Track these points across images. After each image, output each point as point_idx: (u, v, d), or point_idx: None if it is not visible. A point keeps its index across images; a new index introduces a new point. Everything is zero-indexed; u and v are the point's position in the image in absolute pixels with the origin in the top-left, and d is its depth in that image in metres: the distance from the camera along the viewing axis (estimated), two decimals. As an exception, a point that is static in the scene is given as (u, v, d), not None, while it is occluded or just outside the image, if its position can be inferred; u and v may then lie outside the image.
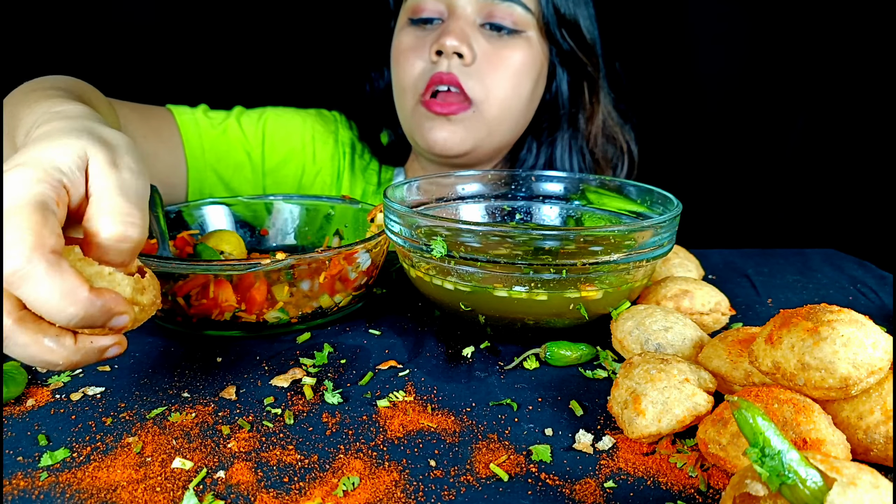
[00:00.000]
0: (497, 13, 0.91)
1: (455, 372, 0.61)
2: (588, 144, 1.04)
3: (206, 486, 0.44)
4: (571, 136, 1.04)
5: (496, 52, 0.92)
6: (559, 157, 1.03)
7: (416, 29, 0.95)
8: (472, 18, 0.92)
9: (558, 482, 0.45)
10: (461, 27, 0.90)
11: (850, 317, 0.46)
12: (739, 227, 1.54)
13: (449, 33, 0.89)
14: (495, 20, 0.92)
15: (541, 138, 1.04)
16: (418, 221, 0.64)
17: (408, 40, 0.95)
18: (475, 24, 0.92)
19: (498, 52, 0.92)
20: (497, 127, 0.95)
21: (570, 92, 1.02)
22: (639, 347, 0.59)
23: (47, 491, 0.44)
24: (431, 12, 0.93)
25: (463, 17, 0.91)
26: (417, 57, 0.93)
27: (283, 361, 0.62)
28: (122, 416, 0.53)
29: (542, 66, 0.97)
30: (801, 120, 1.48)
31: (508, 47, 0.92)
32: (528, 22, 0.93)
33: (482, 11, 0.92)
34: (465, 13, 0.91)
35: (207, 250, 0.73)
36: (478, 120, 0.93)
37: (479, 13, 0.92)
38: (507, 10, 0.91)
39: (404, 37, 0.96)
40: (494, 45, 0.92)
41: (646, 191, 0.76)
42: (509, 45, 0.92)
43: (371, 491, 0.44)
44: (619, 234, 0.61)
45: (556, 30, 0.95)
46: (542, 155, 1.04)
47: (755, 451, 0.35)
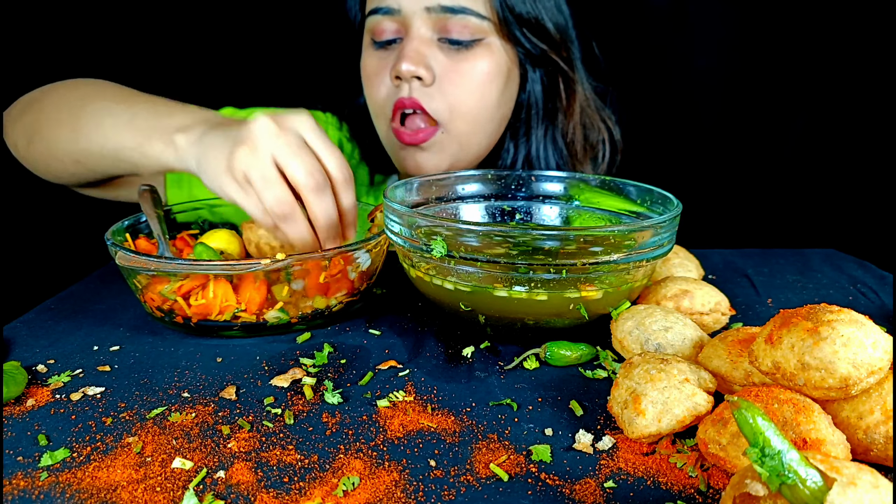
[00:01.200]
0: (451, 27, 0.88)
1: (455, 372, 0.61)
2: (566, 137, 1.02)
3: (206, 486, 0.44)
4: (548, 130, 1.02)
5: (456, 67, 0.89)
6: (536, 153, 1.01)
7: (380, 51, 0.92)
8: (427, 36, 0.89)
9: (558, 482, 0.45)
10: (415, 48, 0.87)
11: (850, 317, 0.46)
12: (739, 227, 1.54)
13: (403, 57, 0.86)
14: (451, 34, 0.88)
15: (518, 137, 1.01)
16: (418, 221, 0.64)
17: (371, 63, 0.93)
18: (432, 41, 0.89)
19: (457, 66, 0.89)
20: (468, 140, 0.93)
21: (543, 90, 0.99)
22: (639, 347, 0.59)
23: (47, 491, 0.44)
24: (390, 33, 0.90)
25: (417, 36, 0.88)
26: (381, 81, 0.92)
27: (283, 361, 0.63)
28: (122, 416, 0.53)
29: (510, 69, 0.94)
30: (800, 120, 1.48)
31: (468, 59, 0.89)
32: (486, 29, 0.89)
33: (436, 27, 0.88)
34: (420, 32, 0.88)
35: (207, 250, 0.73)
36: (448, 140, 0.91)
37: (433, 29, 0.89)
38: (461, 21, 0.88)
39: (368, 59, 0.94)
40: (453, 60, 0.89)
41: (646, 191, 0.76)
42: (469, 57, 0.89)
43: (371, 491, 0.44)
44: (619, 234, 0.61)
45: (517, 32, 0.92)
46: (521, 152, 1.01)
47: (755, 451, 0.35)
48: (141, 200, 0.79)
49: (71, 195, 0.99)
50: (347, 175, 0.68)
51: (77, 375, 0.59)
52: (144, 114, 0.77)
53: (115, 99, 0.82)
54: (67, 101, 0.84)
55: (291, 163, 0.64)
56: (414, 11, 0.88)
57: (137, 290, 0.68)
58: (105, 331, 0.69)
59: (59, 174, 0.88)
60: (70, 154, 0.83)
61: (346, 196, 0.69)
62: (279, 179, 0.64)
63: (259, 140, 0.64)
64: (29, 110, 0.88)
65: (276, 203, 0.64)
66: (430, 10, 0.87)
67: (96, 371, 0.60)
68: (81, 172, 0.86)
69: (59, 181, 0.91)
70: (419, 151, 0.91)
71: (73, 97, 0.84)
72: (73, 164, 0.84)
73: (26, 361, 0.62)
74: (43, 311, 0.74)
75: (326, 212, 0.67)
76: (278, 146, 0.64)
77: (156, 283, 0.65)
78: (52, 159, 0.86)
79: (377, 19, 0.90)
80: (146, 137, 0.74)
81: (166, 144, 0.73)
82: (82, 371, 0.60)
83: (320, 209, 0.66)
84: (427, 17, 0.88)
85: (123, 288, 0.79)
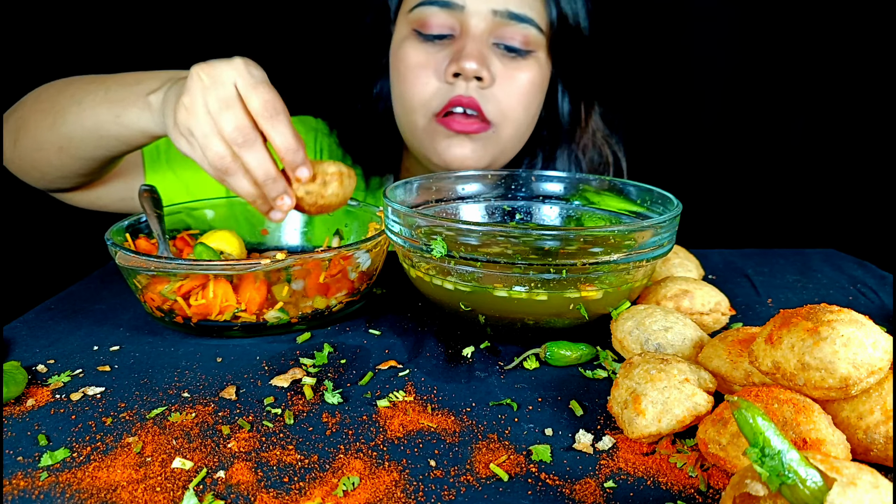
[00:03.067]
0: (510, 34, 0.88)
1: (455, 372, 0.61)
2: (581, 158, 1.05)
3: (206, 486, 0.44)
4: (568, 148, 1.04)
5: (510, 74, 0.90)
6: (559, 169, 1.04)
7: (426, 44, 0.90)
8: (485, 37, 0.89)
9: (558, 482, 0.45)
10: (479, 49, 0.87)
11: (850, 317, 0.46)
12: (739, 227, 1.54)
13: (468, 56, 0.86)
14: (507, 41, 0.89)
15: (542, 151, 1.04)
16: (418, 221, 0.64)
17: (416, 56, 0.90)
18: (488, 43, 0.89)
19: (511, 73, 0.90)
20: (509, 145, 0.95)
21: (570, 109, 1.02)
22: (639, 347, 0.59)
23: (47, 491, 0.44)
24: (441, 28, 0.89)
25: (477, 36, 0.88)
26: (429, 75, 0.90)
27: (283, 361, 0.63)
28: (122, 416, 0.53)
29: (546, 84, 0.97)
30: (801, 120, 1.48)
31: (521, 69, 0.90)
32: (540, 42, 0.91)
33: (494, 30, 0.89)
34: (479, 32, 0.88)
35: (207, 250, 0.73)
36: (494, 140, 0.93)
37: (491, 32, 0.89)
38: (522, 30, 0.89)
39: (411, 51, 0.91)
40: (508, 67, 0.90)
41: (646, 191, 0.76)
42: (522, 67, 0.90)
43: (371, 491, 0.44)
44: (619, 234, 0.61)
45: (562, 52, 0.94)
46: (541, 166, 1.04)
47: (755, 451, 0.35)
48: (141, 200, 0.79)
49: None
50: (273, 109, 0.64)
51: (77, 375, 0.59)
52: (115, 87, 0.78)
53: (90, 81, 0.83)
54: (47, 94, 0.85)
55: (220, 119, 0.63)
56: (478, 11, 0.87)
57: (137, 290, 0.68)
58: (105, 331, 0.69)
59: (44, 169, 0.87)
60: (53, 141, 0.83)
61: (276, 132, 0.64)
62: (216, 133, 0.64)
63: (194, 95, 0.64)
64: (13, 114, 0.89)
65: (217, 158, 0.64)
66: (496, 14, 0.88)
67: (96, 371, 0.60)
68: (66, 163, 0.85)
69: (46, 179, 0.89)
70: (468, 141, 0.91)
71: (52, 90, 0.85)
72: (57, 153, 0.84)
73: (26, 361, 0.62)
74: (43, 311, 0.74)
75: (259, 165, 0.65)
76: (210, 100, 0.64)
77: (156, 283, 0.65)
78: (35, 151, 0.85)
79: (430, 11, 0.89)
80: (122, 107, 0.76)
81: (141, 109, 0.74)
82: (82, 371, 0.60)
83: (252, 163, 0.65)
84: (490, 19, 0.88)
85: (123, 288, 0.79)
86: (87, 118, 0.79)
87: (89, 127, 0.79)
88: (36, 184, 0.91)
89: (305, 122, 1.11)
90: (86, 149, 0.82)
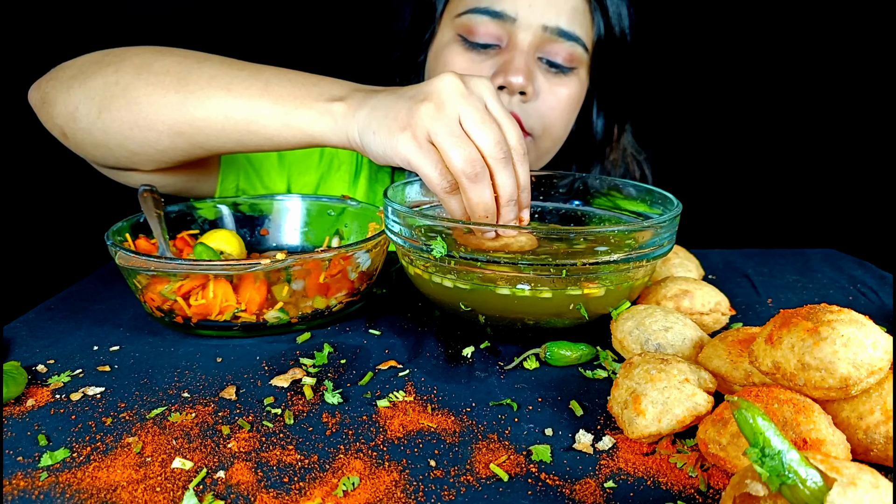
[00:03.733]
0: (556, 50, 0.89)
1: (455, 372, 0.61)
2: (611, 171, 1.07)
3: (206, 486, 0.44)
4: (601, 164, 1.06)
5: (552, 90, 0.90)
6: None
7: (472, 52, 0.90)
8: (531, 51, 0.88)
9: (558, 482, 0.45)
10: (526, 64, 0.87)
11: (850, 317, 0.46)
12: (739, 227, 1.54)
13: (517, 71, 0.85)
14: (552, 57, 0.89)
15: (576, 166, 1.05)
16: (418, 221, 0.64)
17: (462, 63, 0.90)
18: (533, 57, 0.89)
19: (554, 89, 0.90)
20: (544, 156, 0.97)
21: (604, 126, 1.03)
22: (639, 347, 0.59)
23: (47, 491, 0.44)
24: (489, 37, 0.89)
25: (525, 49, 0.87)
26: None
27: (283, 361, 0.63)
28: (122, 416, 0.53)
29: (583, 100, 0.98)
30: (800, 119, 1.48)
31: (563, 85, 0.91)
32: (583, 60, 0.92)
33: (541, 45, 0.88)
34: (526, 45, 0.88)
35: (207, 250, 0.73)
36: (532, 150, 0.93)
37: (537, 46, 0.89)
38: (569, 48, 0.89)
39: (456, 58, 0.90)
40: (551, 83, 0.90)
41: (646, 191, 0.76)
42: (564, 83, 0.91)
43: (371, 491, 0.44)
44: (620, 234, 0.61)
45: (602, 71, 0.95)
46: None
47: (755, 451, 0.35)
48: (141, 201, 0.79)
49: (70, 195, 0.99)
50: (523, 149, 0.65)
51: (77, 375, 0.59)
52: (279, 81, 0.71)
53: (224, 62, 0.74)
54: (160, 65, 0.74)
55: (480, 130, 0.61)
56: (530, 24, 0.87)
57: (137, 290, 0.68)
58: (105, 331, 0.69)
59: (140, 149, 0.76)
60: (172, 123, 0.72)
61: (523, 170, 0.65)
62: (468, 140, 0.61)
63: (447, 99, 0.61)
64: (99, 73, 0.74)
65: (467, 162, 0.60)
66: (546, 30, 0.88)
67: (96, 371, 0.60)
68: (178, 147, 0.75)
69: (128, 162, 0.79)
70: None
71: (167, 61, 0.74)
72: (173, 137, 0.73)
73: (26, 361, 0.62)
74: (43, 311, 0.74)
75: (510, 183, 0.63)
76: (466, 109, 0.61)
77: (156, 283, 0.65)
78: (142, 129, 0.73)
79: (479, 19, 0.88)
80: (293, 106, 0.69)
81: (321, 113, 0.68)
82: (82, 371, 0.60)
83: (504, 180, 0.62)
84: (540, 33, 0.88)
85: (123, 288, 0.79)
86: (238, 110, 0.71)
87: (239, 118, 0.71)
88: (105, 162, 0.80)
89: None
90: (217, 139, 0.73)
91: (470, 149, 0.60)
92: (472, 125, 0.61)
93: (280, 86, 0.70)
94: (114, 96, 0.73)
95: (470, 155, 0.60)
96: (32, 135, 0.86)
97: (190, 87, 0.72)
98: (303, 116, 0.69)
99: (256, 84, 0.71)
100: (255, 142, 0.73)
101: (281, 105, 0.69)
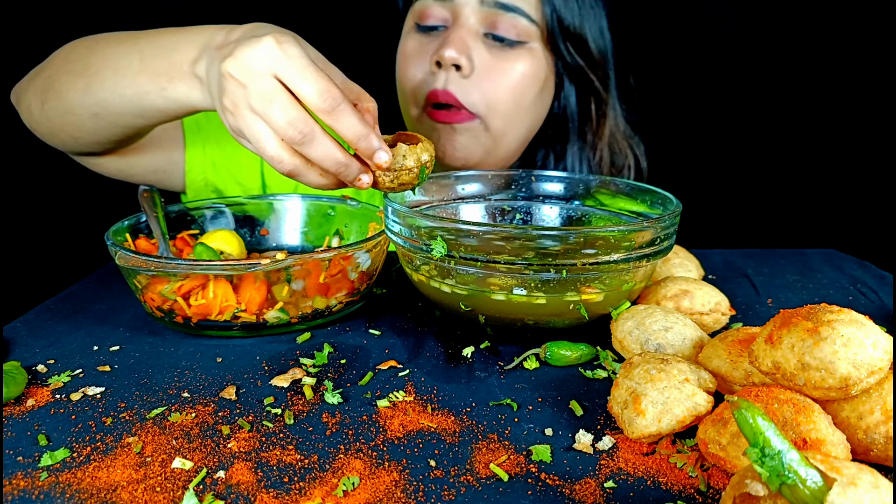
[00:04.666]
0: (500, 23, 0.89)
1: (455, 372, 0.61)
2: (595, 157, 1.03)
3: (206, 486, 0.44)
4: (580, 147, 1.03)
5: (496, 64, 0.90)
6: (571, 167, 1.03)
7: (422, 35, 0.93)
8: (475, 28, 0.89)
9: (558, 482, 0.45)
10: (461, 37, 0.88)
11: (850, 317, 0.46)
12: (739, 227, 1.54)
13: (448, 44, 0.87)
14: (498, 31, 0.89)
15: (552, 149, 1.02)
16: (419, 222, 0.64)
17: (411, 45, 0.93)
18: (478, 33, 0.90)
19: (498, 63, 0.90)
20: (502, 137, 0.94)
21: (578, 105, 1.00)
22: (639, 347, 0.59)
23: (47, 491, 0.44)
24: (437, 19, 0.91)
25: (465, 26, 0.89)
26: (418, 64, 0.92)
27: (283, 361, 0.63)
28: (122, 416, 0.53)
29: (548, 77, 0.95)
30: (800, 120, 1.48)
31: (510, 59, 0.90)
32: (532, 33, 0.90)
33: (486, 21, 0.89)
34: (468, 22, 0.89)
35: (207, 250, 0.73)
36: (482, 132, 0.92)
37: (482, 22, 0.89)
38: (511, 20, 0.89)
39: (409, 42, 0.94)
40: (496, 57, 0.90)
41: (646, 191, 0.76)
42: (511, 57, 0.90)
43: (371, 491, 0.44)
44: (619, 234, 0.61)
45: (560, 42, 0.92)
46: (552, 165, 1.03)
47: (755, 451, 0.35)
48: (141, 201, 0.79)
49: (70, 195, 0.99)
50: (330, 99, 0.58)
51: (77, 375, 0.59)
52: (151, 51, 0.72)
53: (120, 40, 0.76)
54: (76, 54, 0.79)
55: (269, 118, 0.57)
56: (467, 1, 0.88)
57: (137, 290, 0.68)
58: (105, 331, 0.69)
59: (75, 133, 0.81)
60: (86, 106, 0.77)
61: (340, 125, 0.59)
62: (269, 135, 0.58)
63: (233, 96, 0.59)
64: (39, 73, 0.83)
65: (277, 162, 0.58)
66: (484, 3, 0.88)
67: (96, 371, 0.60)
68: (102, 127, 0.79)
69: (77, 145, 0.84)
70: (453, 133, 0.91)
71: (81, 49, 0.79)
72: (92, 119, 0.78)
73: (26, 361, 0.62)
74: (43, 311, 0.74)
75: (326, 156, 0.59)
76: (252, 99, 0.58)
77: (156, 283, 0.65)
78: (68, 114, 0.79)
79: (426, 3, 0.91)
80: (167, 80, 0.70)
81: (191, 85, 0.68)
82: (82, 371, 0.60)
83: (318, 156, 0.59)
84: (479, 9, 0.88)
85: (123, 288, 0.79)
86: (127, 87, 0.73)
87: (129, 96, 0.73)
88: (64, 147, 0.86)
89: None
90: (125, 117, 0.76)
91: (270, 144, 0.58)
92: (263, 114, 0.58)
93: (152, 58, 0.71)
94: (47, 89, 0.80)
95: (274, 153, 0.58)
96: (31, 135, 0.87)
97: (90, 70, 0.75)
98: (179, 90, 0.69)
99: (135, 60, 0.72)
100: (154, 116, 0.75)
101: (157, 81, 0.70)
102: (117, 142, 0.84)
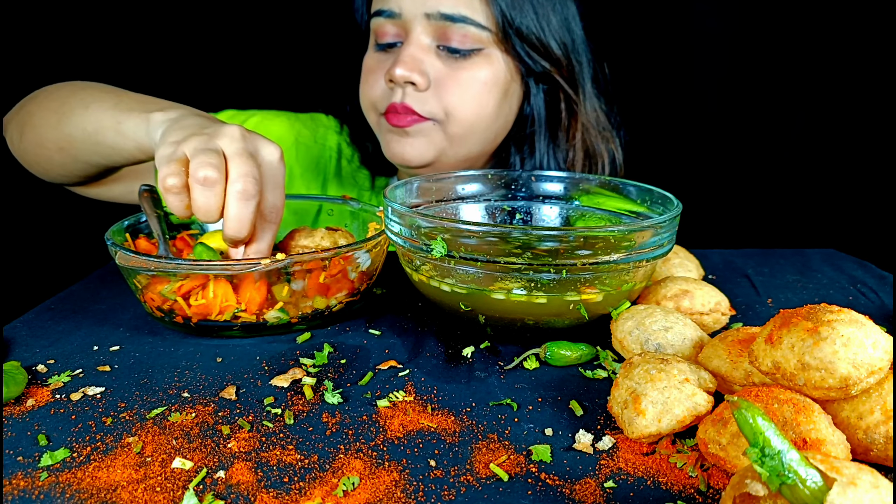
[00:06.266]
0: (451, 34, 0.88)
1: (455, 372, 0.61)
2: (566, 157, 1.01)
3: (206, 486, 0.44)
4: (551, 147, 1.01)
5: (452, 74, 0.89)
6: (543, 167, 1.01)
7: (380, 53, 0.94)
8: (426, 42, 0.89)
9: (558, 482, 0.45)
10: (411, 54, 0.88)
11: (850, 317, 0.46)
12: (739, 227, 1.54)
13: (398, 63, 0.87)
14: (451, 42, 0.88)
15: (522, 150, 1.01)
16: (418, 222, 0.64)
17: (370, 63, 0.95)
18: (430, 47, 0.89)
19: (454, 73, 0.89)
20: (461, 141, 0.93)
21: (546, 106, 0.99)
22: (639, 347, 0.59)
23: (47, 491, 0.44)
24: (391, 36, 0.91)
25: (416, 42, 0.88)
26: (376, 80, 0.93)
27: (283, 361, 0.63)
28: (122, 416, 0.53)
29: (510, 81, 0.93)
30: (800, 119, 1.48)
31: (466, 68, 0.89)
32: (485, 39, 0.89)
33: (436, 33, 0.89)
34: (419, 38, 0.89)
35: (207, 250, 0.73)
36: (436, 132, 0.91)
37: (433, 36, 0.89)
38: (461, 30, 0.88)
39: (368, 60, 0.96)
40: (451, 67, 0.89)
41: (646, 191, 0.76)
42: (466, 66, 0.89)
43: (371, 491, 0.44)
44: (619, 234, 0.61)
45: (517, 46, 0.91)
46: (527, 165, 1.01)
47: (755, 451, 0.35)
48: (141, 201, 0.79)
49: (71, 195, 0.99)
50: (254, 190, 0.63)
51: (77, 375, 0.59)
52: (128, 100, 0.78)
53: (106, 90, 0.83)
54: (58, 93, 0.86)
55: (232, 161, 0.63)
56: (414, 16, 0.88)
57: (137, 290, 0.68)
58: (105, 331, 0.69)
59: (46, 166, 0.89)
60: (54, 140, 0.84)
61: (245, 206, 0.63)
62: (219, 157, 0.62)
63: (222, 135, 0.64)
64: (25, 106, 0.90)
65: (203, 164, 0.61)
66: (430, 17, 0.88)
67: (96, 371, 0.60)
68: (67, 162, 0.86)
69: (50, 175, 0.91)
70: (406, 135, 0.91)
71: (66, 90, 0.86)
72: (58, 152, 0.85)
73: (26, 361, 0.62)
74: (43, 311, 0.74)
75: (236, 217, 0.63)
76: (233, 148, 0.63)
77: (156, 283, 0.65)
78: (39, 147, 0.87)
79: (380, 22, 0.91)
80: (126, 116, 0.75)
81: (141, 120, 0.73)
82: (82, 371, 0.60)
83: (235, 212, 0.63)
84: (427, 23, 0.88)
85: (123, 288, 0.79)
86: (90, 122, 0.79)
87: (90, 131, 0.79)
88: (43, 177, 0.93)
89: (317, 119, 1.12)
90: (84, 153, 0.83)
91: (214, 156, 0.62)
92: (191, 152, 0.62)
93: (125, 102, 0.78)
94: (25, 122, 0.88)
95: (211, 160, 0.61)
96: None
97: (65, 108, 0.82)
98: (129, 124, 0.75)
99: (108, 101, 0.79)
100: (107, 153, 0.81)
101: (119, 116, 0.76)
102: (83, 177, 0.90)
